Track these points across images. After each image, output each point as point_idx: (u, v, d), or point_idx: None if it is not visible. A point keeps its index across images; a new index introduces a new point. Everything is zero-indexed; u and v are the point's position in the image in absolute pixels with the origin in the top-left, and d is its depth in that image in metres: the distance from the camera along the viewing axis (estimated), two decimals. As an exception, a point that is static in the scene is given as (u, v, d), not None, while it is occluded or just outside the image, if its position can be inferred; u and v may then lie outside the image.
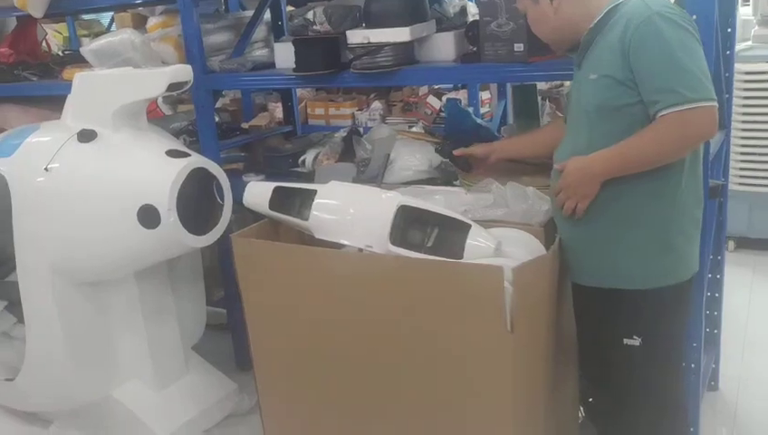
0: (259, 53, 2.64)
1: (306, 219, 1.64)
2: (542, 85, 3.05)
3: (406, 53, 1.99)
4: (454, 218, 1.50)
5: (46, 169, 1.91)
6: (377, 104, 4.10)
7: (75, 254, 1.94)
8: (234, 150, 2.76)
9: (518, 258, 1.45)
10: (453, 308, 1.42)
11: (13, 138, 2.09)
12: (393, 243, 1.50)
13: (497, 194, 1.71)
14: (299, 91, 3.76)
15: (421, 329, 1.48)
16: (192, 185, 1.90)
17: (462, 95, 3.93)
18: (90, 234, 1.90)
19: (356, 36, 1.99)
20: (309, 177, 2.39)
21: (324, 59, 2.05)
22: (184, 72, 1.90)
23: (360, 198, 1.60)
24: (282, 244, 1.64)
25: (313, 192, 1.65)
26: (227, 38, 2.49)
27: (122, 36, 2.17)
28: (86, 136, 1.94)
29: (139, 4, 2.91)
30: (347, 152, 2.40)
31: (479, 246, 1.46)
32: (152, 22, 2.32)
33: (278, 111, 4.22)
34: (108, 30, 5.22)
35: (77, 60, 2.95)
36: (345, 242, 1.58)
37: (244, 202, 1.82)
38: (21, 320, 2.34)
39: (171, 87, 1.86)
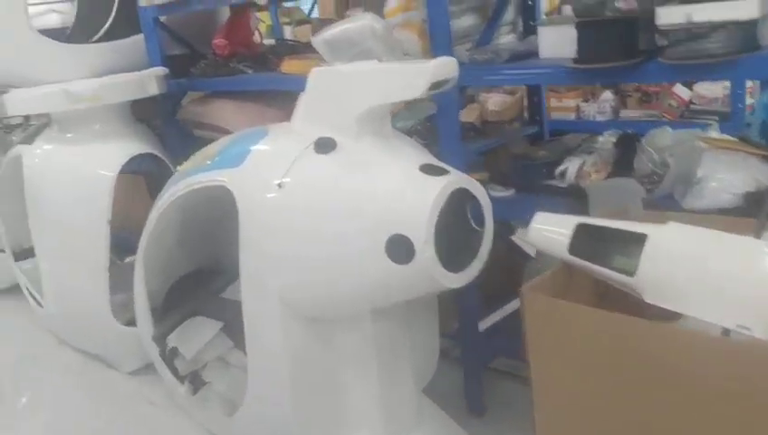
0: (506, 39, 2.21)
1: (632, 274, 1.17)
2: None
3: (747, 35, 1.44)
4: None
5: (279, 184, 1.60)
6: (607, 95, 3.53)
7: (307, 285, 1.63)
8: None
9: None
10: None
11: (239, 144, 1.83)
12: (788, 326, 1.00)
13: None
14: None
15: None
16: (446, 208, 1.51)
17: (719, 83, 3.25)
18: (326, 264, 1.58)
19: (672, 14, 1.47)
20: (571, 193, 1.92)
21: (621, 46, 1.56)
22: (448, 67, 1.50)
23: (726, 249, 1.10)
24: (596, 311, 1.19)
25: (642, 236, 1.17)
26: (473, 22, 2.09)
27: (362, 23, 1.82)
28: (325, 146, 1.61)
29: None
30: (622, 162, 1.90)
31: None
32: (391, 5, 1.95)
33: (490, 102, 3.78)
34: (309, 17, 5.07)
35: (295, 50, 2.70)
36: (697, 315, 1.10)
37: (529, 239, 1.39)
38: (238, 345, 2.11)
39: (432, 86, 1.47)
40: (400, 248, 1.47)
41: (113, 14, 3.17)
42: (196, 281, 2.38)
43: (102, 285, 2.52)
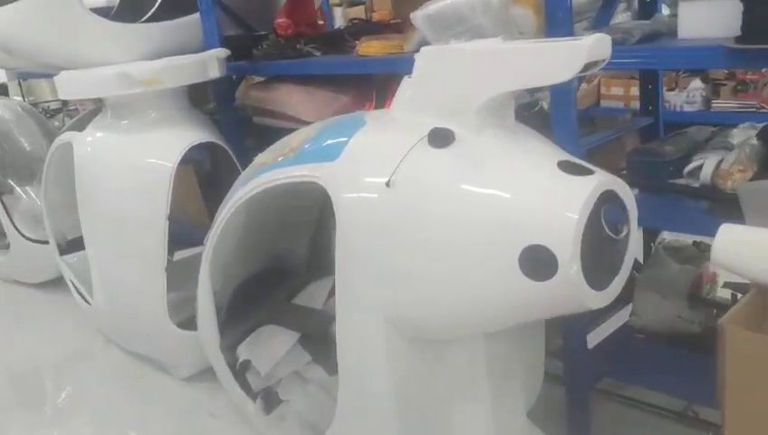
0: (621, 18, 1.95)
1: None
2: None
3: None
4: None
5: (387, 183, 1.36)
6: (696, 83, 3.24)
7: (420, 303, 1.39)
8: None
9: None
10: None
11: (332, 134, 1.59)
12: None
13: None
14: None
15: None
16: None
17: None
18: (444, 279, 1.34)
19: None
20: (708, 194, 1.67)
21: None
22: (604, 45, 1.25)
23: None
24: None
25: None
26: (590, -2, 1.82)
27: (472, -5, 1.57)
28: (441, 138, 1.37)
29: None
30: (769, 160, 1.64)
31: None
32: (502, -25, 1.69)
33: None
34: (359, -1, 4.83)
35: (372, 30, 2.47)
36: None
37: (712, 258, 1.14)
38: (316, 359, 1.90)
39: (584, 68, 1.23)
40: (539, 262, 1.23)
41: (163, -8, 2.95)
42: (264, 284, 2.17)
43: (159, 284, 2.31)
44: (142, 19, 2.87)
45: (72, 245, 2.99)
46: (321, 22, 4.01)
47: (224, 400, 2.21)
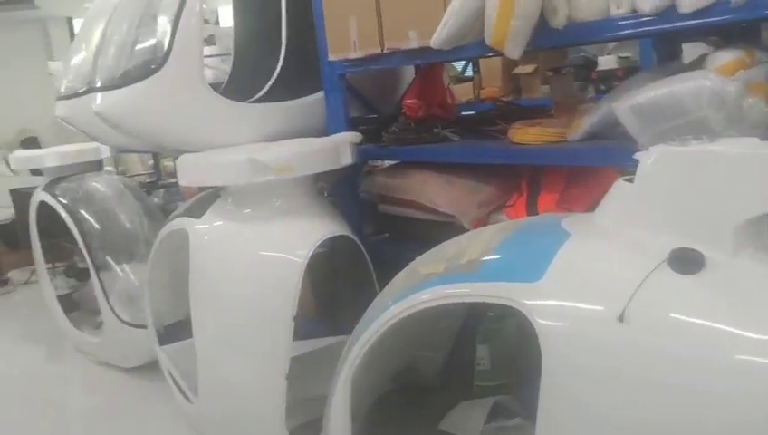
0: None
1: None
2: None
3: None
4: None
5: (620, 317, 1.08)
6: None
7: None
8: None
9: None
10: None
11: (525, 246, 1.33)
12: None
13: None
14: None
15: None
16: None
17: None
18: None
19: None
20: None
21: None
22: None
23: None
24: None
25: None
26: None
27: (699, 83, 1.31)
28: (688, 262, 1.09)
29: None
30: None
31: None
32: (724, 58, 1.43)
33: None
34: (462, 74, 4.61)
35: (523, 114, 2.24)
36: None
37: None
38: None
39: None
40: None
41: (277, 71, 2.83)
42: (400, 402, 1.90)
43: (278, 391, 2.06)
44: (253, 98, 2.75)
45: (172, 332, 2.81)
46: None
47: None
